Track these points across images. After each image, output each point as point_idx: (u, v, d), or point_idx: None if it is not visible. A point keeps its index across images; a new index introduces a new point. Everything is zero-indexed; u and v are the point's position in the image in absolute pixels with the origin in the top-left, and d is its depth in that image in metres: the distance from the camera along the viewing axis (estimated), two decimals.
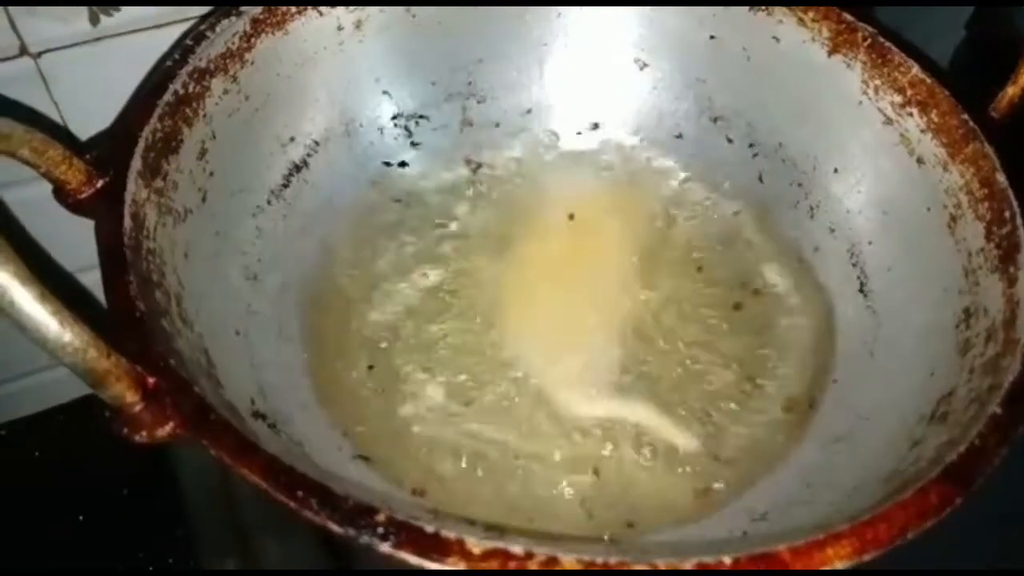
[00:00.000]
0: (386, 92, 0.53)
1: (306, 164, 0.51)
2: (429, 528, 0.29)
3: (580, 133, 0.57)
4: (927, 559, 0.42)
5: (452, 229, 0.53)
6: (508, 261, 0.51)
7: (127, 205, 0.37)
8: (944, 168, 0.45)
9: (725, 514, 0.42)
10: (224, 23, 0.45)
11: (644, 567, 0.28)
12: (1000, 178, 0.42)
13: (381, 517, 0.29)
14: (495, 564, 0.28)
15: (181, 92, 0.43)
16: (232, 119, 0.46)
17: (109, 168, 0.39)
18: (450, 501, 0.41)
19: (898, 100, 0.48)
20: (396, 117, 0.54)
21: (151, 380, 0.32)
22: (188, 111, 0.43)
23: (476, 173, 0.55)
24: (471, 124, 0.56)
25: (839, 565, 0.29)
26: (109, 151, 0.40)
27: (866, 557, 0.30)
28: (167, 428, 0.31)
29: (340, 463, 0.41)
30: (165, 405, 0.31)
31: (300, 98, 0.50)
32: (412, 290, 0.49)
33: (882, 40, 0.48)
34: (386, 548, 0.28)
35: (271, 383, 0.42)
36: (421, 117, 0.55)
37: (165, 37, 0.47)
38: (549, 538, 0.39)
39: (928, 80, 0.46)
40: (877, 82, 0.49)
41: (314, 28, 0.49)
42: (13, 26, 0.43)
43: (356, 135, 0.53)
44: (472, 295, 0.50)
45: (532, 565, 0.28)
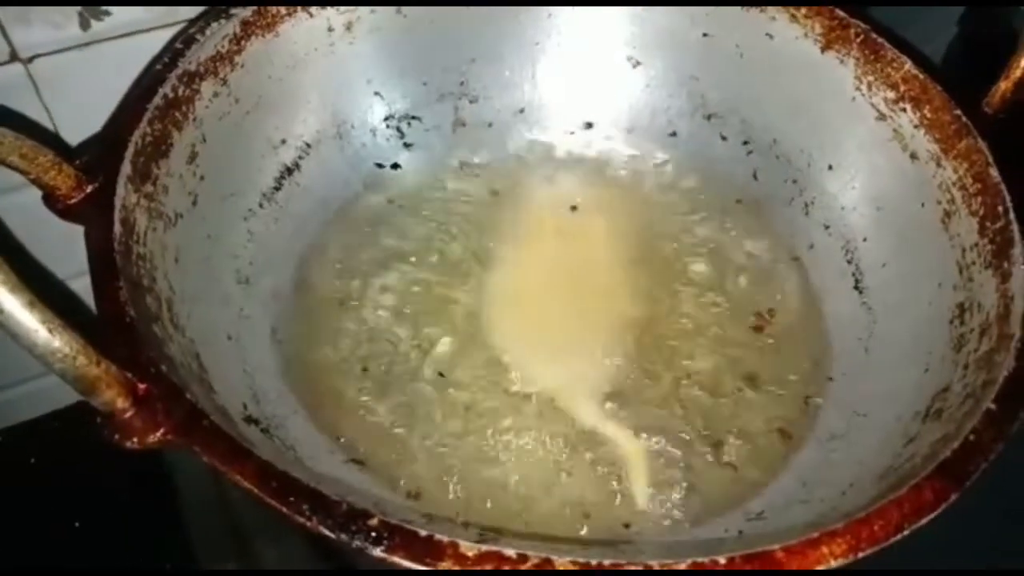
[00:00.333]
0: (378, 93, 0.53)
1: (298, 167, 0.50)
2: (422, 532, 0.29)
3: (573, 132, 0.57)
4: (927, 559, 0.42)
5: (445, 230, 0.52)
6: (502, 262, 0.51)
7: (117, 210, 0.37)
8: (937, 164, 0.45)
9: (722, 514, 0.42)
10: (214, 26, 0.45)
11: (638, 568, 0.28)
12: (993, 173, 0.42)
13: (374, 521, 0.29)
14: (489, 567, 0.28)
15: (171, 96, 0.43)
16: (222, 122, 0.45)
17: (99, 173, 0.39)
18: (444, 504, 0.41)
19: (891, 96, 0.48)
20: (388, 118, 0.54)
21: (142, 386, 0.32)
22: (178, 115, 0.43)
23: (469, 174, 0.55)
24: (464, 124, 0.56)
25: (834, 563, 0.29)
26: (98, 156, 0.39)
27: (861, 555, 0.30)
28: (158, 434, 0.31)
29: (333, 467, 0.41)
30: (156, 411, 0.31)
31: (291, 100, 0.50)
32: (405, 292, 0.49)
33: (875, 36, 0.48)
34: (379, 552, 0.28)
35: (263, 388, 0.42)
36: (413, 118, 0.55)
37: (155, 41, 0.47)
38: (544, 540, 0.39)
39: (921, 76, 0.46)
40: (870, 78, 0.48)
41: (304, 30, 0.49)
42: (3, 32, 0.43)
43: (348, 137, 0.53)
44: (466, 297, 0.49)
45: (526, 568, 0.28)
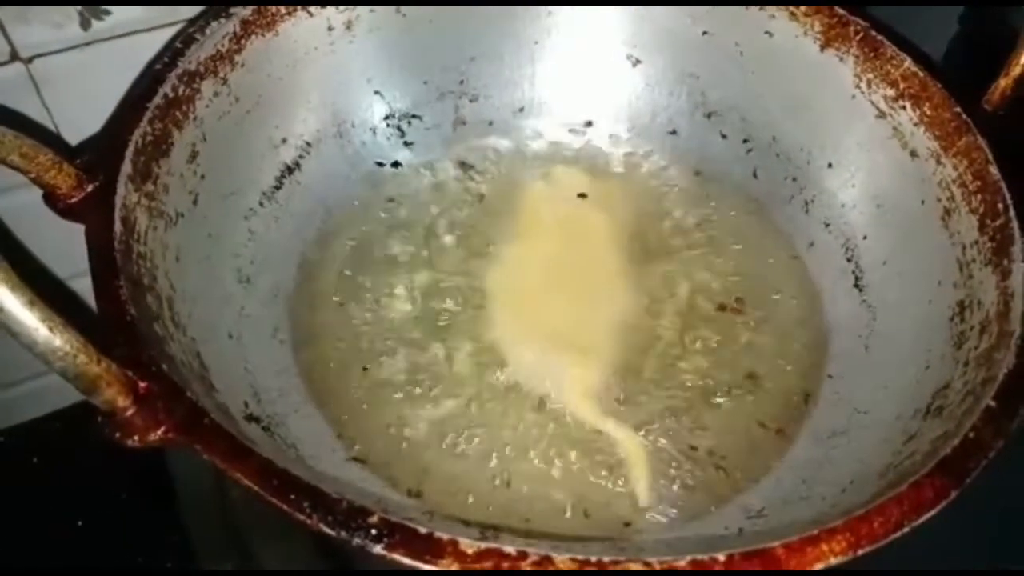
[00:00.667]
0: (378, 92, 0.53)
1: (298, 165, 0.50)
2: (423, 529, 0.29)
3: (573, 131, 0.57)
4: (927, 559, 0.43)
5: (446, 229, 0.52)
6: (502, 261, 0.51)
7: (117, 209, 0.37)
8: (937, 161, 0.45)
9: (721, 512, 0.42)
10: (214, 25, 0.45)
11: (638, 566, 0.28)
12: (993, 170, 0.42)
13: (374, 519, 0.29)
14: (489, 565, 0.28)
15: (171, 95, 0.43)
16: (223, 121, 0.46)
17: (99, 172, 0.39)
18: (445, 503, 0.41)
19: (891, 94, 0.48)
20: (388, 117, 0.54)
21: (142, 385, 0.32)
22: (178, 114, 0.43)
23: (469, 172, 0.55)
24: (464, 123, 0.56)
25: (834, 561, 0.29)
26: (99, 155, 0.39)
27: (861, 552, 0.30)
28: (159, 432, 0.31)
29: (334, 465, 0.41)
30: (157, 409, 0.31)
31: (291, 99, 0.50)
32: (406, 291, 0.49)
33: (874, 34, 0.48)
34: (379, 550, 0.28)
35: (264, 386, 0.42)
36: (413, 117, 0.55)
37: (156, 41, 0.47)
38: (544, 538, 0.39)
39: (921, 73, 0.46)
40: (870, 76, 0.48)
41: (304, 29, 0.49)
42: (4, 32, 0.43)
43: (348, 135, 0.53)
44: (466, 295, 0.49)
45: (526, 565, 0.28)
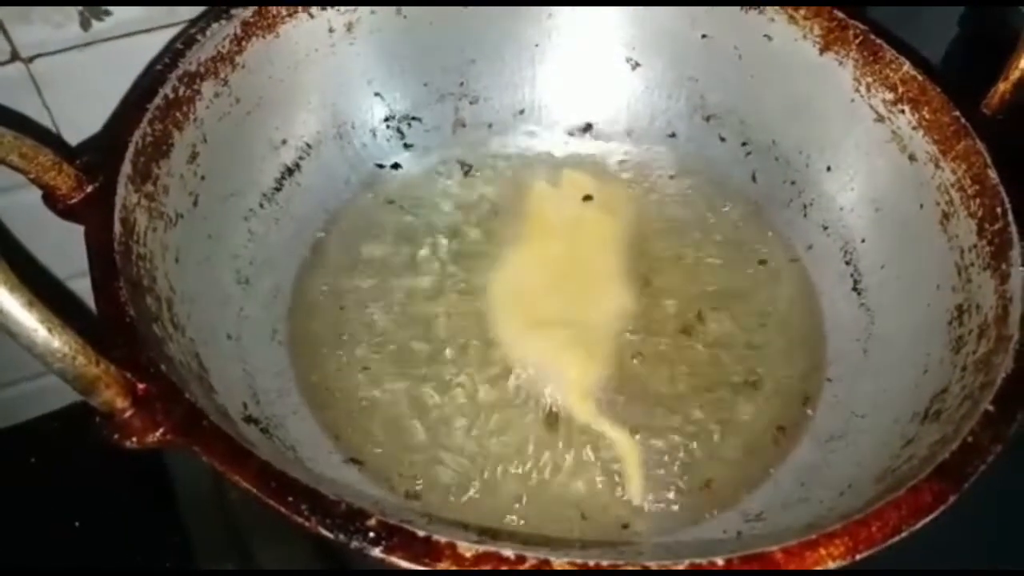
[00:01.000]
0: (378, 94, 0.53)
1: (298, 167, 0.50)
2: (421, 532, 0.29)
3: (573, 133, 0.57)
4: (927, 559, 0.42)
5: (445, 231, 0.52)
6: (501, 263, 0.51)
7: (117, 210, 0.37)
8: (936, 165, 0.45)
9: (720, 515, 0.42)
10: (214, 26, 0.45)
11: (636, 568, 0.28)
12: (992, 174, 0.42)
13: (372, 521, 0.29)
14: (487, 568, 0.28)
15: (171, 96, 0.43)
16: (223, 122, 0.46)
17: (99, 173, 0.39)
18: (443, 504, 0.41)
19: (890, 97, 0.48)
20: (388, 119, 0.54)
21: (141, 386, 0.32)
22: (178, 115, 0.43)
23: (469, 174, 0.55)
24: (464, 125, 0.56)
25: (832, 565, 0.29)
26: (99, 156, 0.39)
27: (859, 556, 0.30)
28: (157, 434, 0.31)
29: (332, 467, 0.41)
30: (155, 411, 0.31)
31: (292, 101, 0.50)
32: (406, 293, 0.49)
33: (873, 37, 0.48)
34: (378, 552, 0.28)
35: (263, 387, 0.42)
36: (413, 118, 0.55)
37: (156, 41, 0.47)
38: (542, 540, 0.39)
39: (919, 77, 0.46)
40: (869, 79, 0.49)
41: (305, 31, 0.49)
42: (4, 32, 0.43)
43: (348, 137, 0.53)
44: (466, 298, 0.49)
45: (524, 568, 0.28)
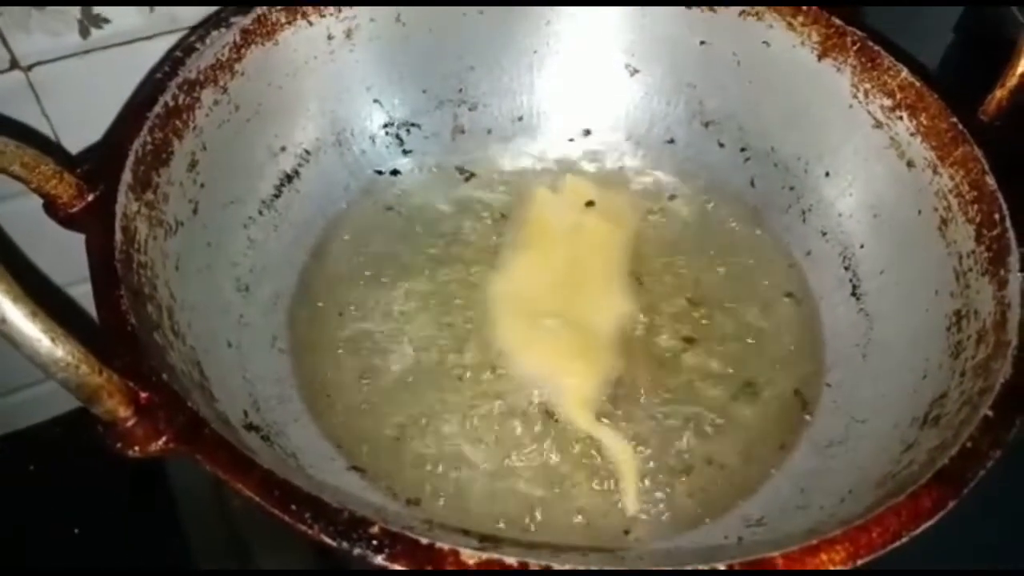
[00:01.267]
0: (377, 100, 0.53)
1: (297, 174, 0.51)
2: (423, 540, 0.29)
3: (572, 139, 0.57)
4: (927, 559, 0.43)
5: (445, 237, 0.52)
6: (501, 269, 0.51)
7: (118, 219, 0.37)
8: (934, 171, 0.45)
9: (720, 520, 0.42)
10: (214, 34, 0.45)
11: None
12: (989, 180, 0.43)
13: (375, 529, 0.29)
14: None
15: (171, 104, 0.43)
16: (222, 130, 0.46)
17: (99, 182, 0.39)
18: (445, 512, 0.41)
19: (888, 103, 0.48)
20: (387, 125, 0.54)
21: (143, 395, 0.32)
22: (178, 123, 0.43)
23: (468, 181, 0.55)
24: (463, 131, 0.56)
25: (832, 570, 0.30)
26: (99, 165, 0.39)
27: (860, 562, 0.30)
28: (160, 443, 0.31)
29: (334, 474, 0.41)
30: (158, 420, 0.31)
31: (291, 108, 0.50)
32: (405, 300, 0.49)
33: (871, 44, 0.48)
34: (381, 560, 0.29)
35: (264, 395, 0.42)
36: (412, 125, 0.55)
37: (155, 49, 0.47)
38: (544, 547, 0.39)
39: (917, 83, 0.47)
40: (867, 86, 0.49)
41: (304, 38, 0.49)
42: (3, 40, 0.43)
43: (347, 144, 0.53)
44: (465, 304, 0.49)
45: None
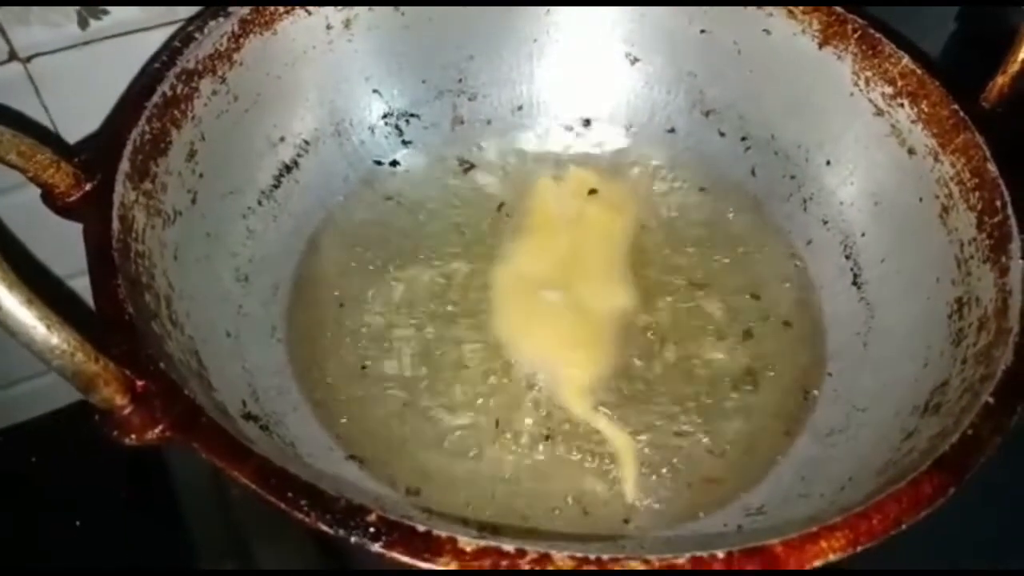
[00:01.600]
0: (376, 91, 0.53)
1: (296, 164, 0.50)
2: (420, 527, 0.29)
3: (572, 129, 0.57)
4: (927, 559, 0.43)
5: (445, 228, 0.52)
6: (502, 259, 0.51)
7: (115, 208, 0.37)
8: (935, 158, 0.45)
9: (721, 509, 0.42)
10: (212, 24, 0.45)
11: (637, 564, 0.28)
12: (991, 167, 0.42)
13: (372, 517, 0.29)
14: (487, 563, 0.28)
15: (169, 94, 0.43)
16: (221, 120, 0.46)
17: (97, 171, 0.39)
18: (444, 501, 0.41)
19: (889, 91, 0.48)
20: (387, 116, 0.54)
21: (140, 383, 0.32)
22: (176, 113, 0.43)
23: (468, 171, 0.55)
24: (462, 122, 0.56)
25: (833, 557, 0.29)
26: (97, 154, 0.39)
27: (860, 548, 0.30)
28: (156, 431, 0.31)
29: (332, 464, 0.41)
30: (154, 408, 0.31)
31: (290, 98, 0.50)
32: (405, 290, 0.49)
33: (872, 31, 0.48)
34: (377, 548, 0.28)
35: (263, 385, 0.42)
36: (412, 115, 0.55)
37: (154, 40, 0.47)
38: (543, 536, 0.39)
39: (918, 71, 0.46)
40: (868, 73, 0.48)
41: (303, 28, 0.49)
42: (2, 31, 0.43)
43: (346, 134, 0.53)
44: (466, 294, 0.49)
45: (524, 563, 0.28)
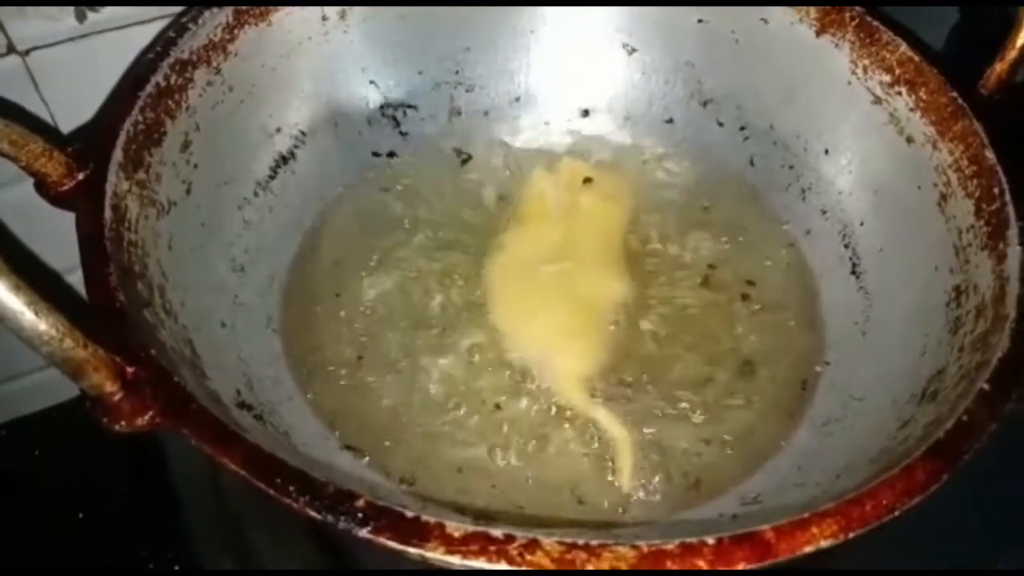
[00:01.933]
0: (373, 82, 0.53)
1: (293, 155, 0.50)
2: (408, 513, 0.28)
3: (570, 120, 0.57)
4: (928, 559, 0.42)
5: (441, 218, 0.52)
6: (499, 249, 0.51)
7: (107, 197, 0.37)
8: (933, 146, 0.45)
9: (717, 498, 0.42)
10: (207, 15, 0.45)
11: (625, 549, 0.28)
12: (989, 155, 0.42)
13: (360, 502, 0.29)
14: (475, 548, 0.28)
15: (163, 84, 0.43)
16: (216, 111, 0.46)
17: (90, 161, 0.39)
18: (439, 490, 0.41)
19: (887, 79, 0.47)
20: (383, 107, 0.54)
21: (130, 370, 0.32)
22: (171, 103, 0.43)
23: (465, 162, 0.55)
24: (459, 113, 0.56)
25: (824, 544, 0.29)
26: (90, 144, 0.40)
27: (852, 535, 0.30)
28: (146, 417, 0.31)
29: (328, 454, 0.41)
30: (145, 394, 0.31)
31: (286, 89, 0.50)
32: (401, 280, 0.49)
33: (870, 19, 0.48)
34: (365, 533, 0.28)
35: (258, 374, 0.42)
36: (409, 107, 0.55)
37: (152, 33, 0.47)
38: (538, 524, 0.39)
39: (916, 58, 0.46)
40: (866, 61, 0.48)
41: (298, 18, 0.49)
42: (0, 25, 0.43)
43: (343, 126, 0.53)
44: (462, 284, 0.49)
45: (513, 549, 0.28)
